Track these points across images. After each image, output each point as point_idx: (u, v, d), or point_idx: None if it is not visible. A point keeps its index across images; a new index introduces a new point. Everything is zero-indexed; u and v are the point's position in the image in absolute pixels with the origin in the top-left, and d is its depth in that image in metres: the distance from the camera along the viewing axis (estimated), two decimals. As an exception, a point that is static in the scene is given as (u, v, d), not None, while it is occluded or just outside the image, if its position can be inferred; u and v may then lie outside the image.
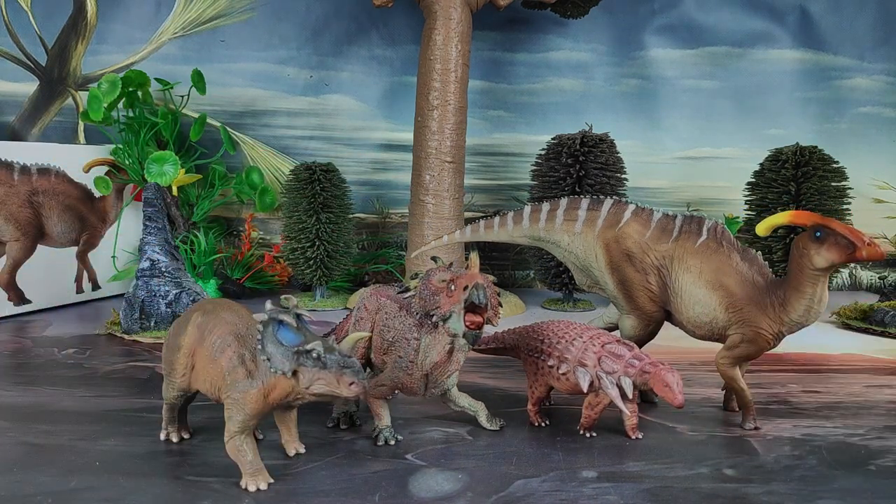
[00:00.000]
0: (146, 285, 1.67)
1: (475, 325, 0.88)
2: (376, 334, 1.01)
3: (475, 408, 1.04)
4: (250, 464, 0.84)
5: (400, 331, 0.97)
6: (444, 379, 0.95)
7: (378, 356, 1.01)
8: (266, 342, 0.81)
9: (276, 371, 0.81)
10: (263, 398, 0.83)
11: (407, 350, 0.95)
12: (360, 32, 2.61)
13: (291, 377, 0.81)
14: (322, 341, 0.81)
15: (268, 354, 0.81)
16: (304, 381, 0.81)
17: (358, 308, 1.07)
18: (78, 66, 2.54)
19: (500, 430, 1.03)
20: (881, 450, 0.98)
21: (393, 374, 0.96)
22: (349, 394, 0.80)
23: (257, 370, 0.84)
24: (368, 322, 1.03)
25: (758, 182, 2.18)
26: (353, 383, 0.80)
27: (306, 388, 0.81)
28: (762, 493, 0.84)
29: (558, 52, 2.65)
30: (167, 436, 0.98)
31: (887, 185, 2.65)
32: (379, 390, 0.97)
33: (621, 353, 0.97)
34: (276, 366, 0.81)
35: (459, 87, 2.05)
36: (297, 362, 0.81)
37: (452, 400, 1.03)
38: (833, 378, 1.38)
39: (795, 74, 2.60)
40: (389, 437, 0.97)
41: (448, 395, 1.02)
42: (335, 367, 0.80)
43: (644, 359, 0.96)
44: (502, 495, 0.83)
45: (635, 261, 1.13)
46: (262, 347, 0.81)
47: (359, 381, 0.80)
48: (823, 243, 0.97)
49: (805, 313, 1.01)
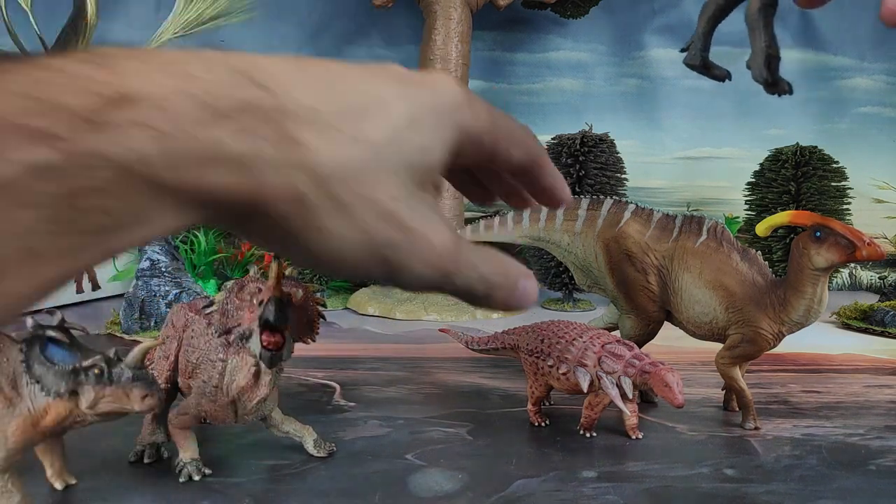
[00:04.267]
0: (146, 285, 1.67)
1: (271, 344, 0.78)
2: (181, 355, 0.91)
3: (301, 433, 0.94)
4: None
5: (205, 351, 0.86)
6: (253, 405, 0.84)
7: (184, 380, 0.91)
8: (32, 363, 0.72)
9: (51, 394, 0.72)
10: (32, 427, 0.74)
11: (212, 373, 0.84)
12: (360, 32, 2.61)
13: (69, 399, 0.73)
14: (103, 355, 0.73)
15: (36, 377, 0.72)
16: (86, 402, 0.73)
17: (165, 325, 0.97)
18: (78, 66, 2.54)
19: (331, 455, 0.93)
20: (881, 450, 0.98)
21: (197, 400, 0.86)
22: (143, 408, 0.73)
23: (19, 396, 0.74)
24: (174, 342, 0.93)
25: (758, 182, 2.18)
26: (146, 395, 0.73)
27: (90, 409, 0.73)
28: (762, 493, 0.84)
29: (558, 52, 2.65)
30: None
31: (887, 185, 2.65)
32: (181, 420, 0.87)
33: (621, 352, 0.96)
34: (49, 388, 0.72)
35: (459, 87, 2.05)
36: (74, 381, 0.72)
37: (275, 426, 0.92)
38: (833, 378, 1.38)
39: (795, 74, 2.61)
40: (194, 472, 0.86)
41: (270, 420, 0.91)
42: (123, 382, 0.72)
43: (644, 359, 0.96)
44: (502, 495, 0.83)
45: (635, 261, 1.13)
46: (27, 369, 0.72)
47: (152, 392, 0.73)
48: (823, 243, 0.97)
49: (805, 313, 1.01)
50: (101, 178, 0.19)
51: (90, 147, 0.19)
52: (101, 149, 0.19)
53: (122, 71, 0.20)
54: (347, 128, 0.24)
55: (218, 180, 0.21)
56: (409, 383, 1.29)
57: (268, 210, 0.22)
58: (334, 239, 0.24)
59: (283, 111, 0.22)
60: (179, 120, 0.20)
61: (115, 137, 0.19)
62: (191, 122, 0.20)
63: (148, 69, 0.20)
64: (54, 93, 0.19)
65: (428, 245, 0.26)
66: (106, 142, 0.19)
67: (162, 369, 0.92)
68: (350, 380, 1.26)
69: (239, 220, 0.23)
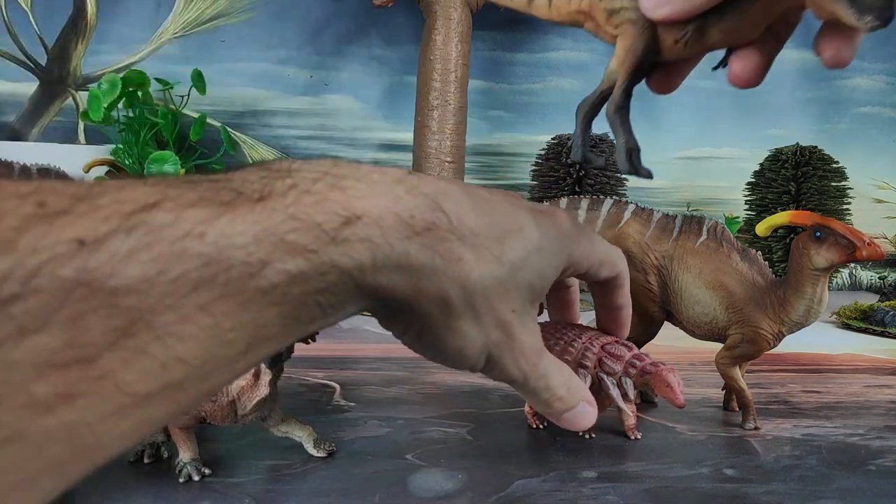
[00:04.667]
0: (146, 285, 1.67)
1: None
2: None
3: (301, 433, 0.94)
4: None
5: None
6: (253, 405, 0.85)
7: None
8: None
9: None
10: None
11: None
12: (360, 32, 2.61)
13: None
14: None
15: None
16: None
17: None
18: (78, 66, 2.54)
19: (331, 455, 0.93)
20: (881, 450, 0.98)
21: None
22: None
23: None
24: None
25: (758, 182, 2.19)
26: None
27: None
28: (762, 493, 0.84)
29: (558, 52, 2.65)
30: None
31: (887, 185, 2.65)
32: (181, 420, 0.87)
33: (621, 353, 0.95)
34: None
35: (459, 87, 2.05)
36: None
37: (275, 426, 0.93)
38: (833, 378, 1.38)
39: (795, 74, 2.61)
40: (193, 472, 0.86)
41: (270, 420, 0.92)
42: None
43: (645, 359, 0.94)
44: (502, 495, 0.83)
45: (635, 261, 1.13)
46: None
47: None
48: (823, 243, 0.97)
49: (805, 313, 1.01)
50: (329, 281, 0.24)
51: (330, 258, 0.23)
52: (336, 259, 0.24)
53: (352, 193, 0.25)
54: (496, 249, 0.29)
55: (397, 283, 0.26)
56: (409, 383, 1.29)
57: (419, 307, 0.27)
58: (462, 338, 0.29)
59: (455, 232, 0.28)
60: (387, 235, 0.25)
61: (345, 249, 0.24)
62: (394, 236, 0.25)
63: (370, 192, 0.25)
64: (310, 213, 0.23)
65: (521, 352, 0.31)
66: (339, 253, 0.24)
67: None
68: (350, 380, 1.26)
69: (392, 311, 0.28)
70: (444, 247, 0.27)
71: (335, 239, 0.23)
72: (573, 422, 0.35)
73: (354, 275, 0.24)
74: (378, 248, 0.25)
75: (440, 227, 0.27)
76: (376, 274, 0.25)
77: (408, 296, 0.26)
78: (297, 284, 0.22)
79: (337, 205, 0.24)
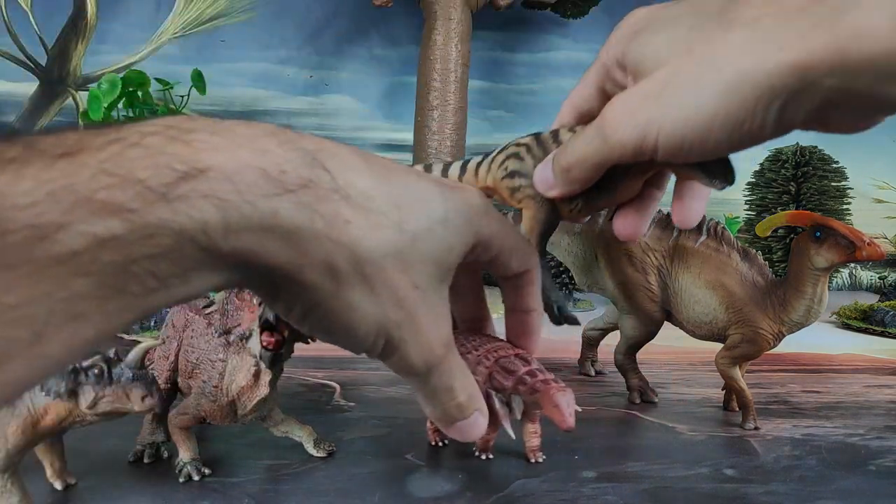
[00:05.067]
0: (146, 285, 1.67)
1: (271, 344, 0.77)
2: (181, 355, 0.90)
3: (301, 433, 0.93)
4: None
5: (205, 351, 0.86)
6: (253, 405, 0.84)
7: (184, 380, 0.90)
8: None
9: (50, 394, 0.71)
10: (31, 427, 0.73)
11: (211, 373, 0.84)
12: (359, 32, 2.61)
13: (69, 399, 0.72)
14: (102, 355, 0.73)
15: None
16: (85, 402, 0.72)
17: (165, 325, 0.95)
18: (78, 66, 2.54)
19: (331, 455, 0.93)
20: (881, 450, 0.98)
21: (197, 400, 0.85)
22: (142, 408, 0.73)
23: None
24: (175, 342, 0.92)
25: (758, 182, 2.19)
26: (146, 396, 0.72)
27: (90, 409, 0.72)
28: (762, 493, 0.84)
29: (558, 52, 2.65)
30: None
31: (887, 185, 2.65)
32: (181, 419, 0.86)
33: (515, 368, 0.85)
34: (48, 388, 0.71)
35: (459, 87, 2.05)
36: (74, 381, 0.72)
37: (275, 426, 0.92)
38: (833, 378, 1.38)
39: (795, 74, 2.60)
40: (193, 472, 0.86)
41: (270, 420, 0.91)
42: (123, 382, 0.72)
43: (538, 375, 0.85)
44: (502, 495, 0.83)
45: (635, 261, 1.13)
46: None
47: (152, 392, 0.73)
48: (823, 243, 0.97)
49: (805, 313, 1.01)
50: (160, 245, 0.20)
51: (157, 218, 0.20)
52: (166, 219, 0.20)
53: (199, 146, 0.21)
54: (393, 215, 0.26)
55: (268, 248, 0.22)
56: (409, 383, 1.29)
57: (302, 278, 0.24)
58: (352, 311, 0.25)
59: (340, 192, 0.24)
60: (244, 191, 0.21)
61: (181, 207, 0.20)
62: (255, 193, 0.22)
63: (227, 144, 0.22)
64: (131, 167, 0.20)
65: (426, 339, 0.28)
66: (171, 212, 0.20)
67: (162, 369, 0.92)
68: (350, 380, 1.26)
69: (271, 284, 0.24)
70: (326, 207, 0.23)
71: (166, 196, 0.20)
72: (465, 431, 0.31)
73: (199, 238, 0.21)
74: (231, 206, 0.21)
75: (320, 185, 0.23)
76: (233, 237, 0.21)
77: (284, 264, 0.23)
78: (110, 250, 0.19)
79: (174, 158, 0.20)
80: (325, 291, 0.24)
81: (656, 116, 0.31)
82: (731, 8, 0.29)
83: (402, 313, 0.26)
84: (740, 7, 0.29)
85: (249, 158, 0.22)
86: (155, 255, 0.20)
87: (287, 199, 0.22)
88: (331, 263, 0.24)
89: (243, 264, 0.22)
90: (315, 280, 0.24)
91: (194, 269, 0.21)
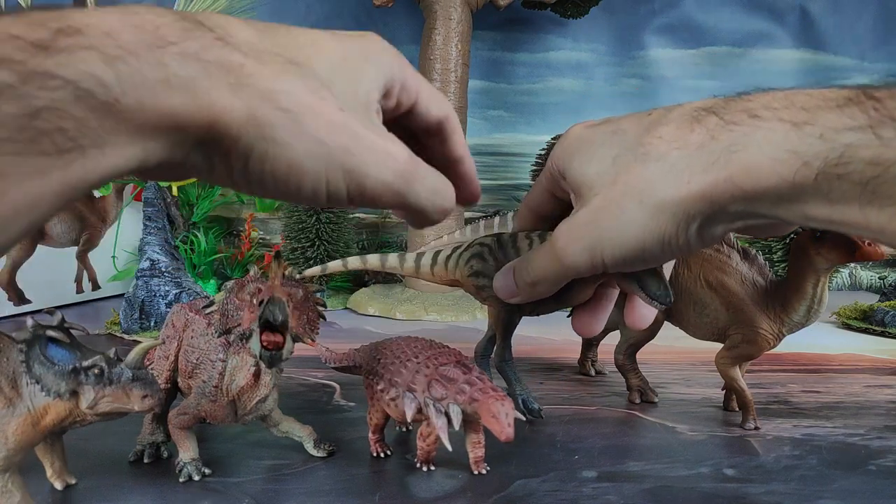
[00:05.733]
0: (146, 285, 1.67)
1: (271, 344, 0.76)
2: (181, 355, 0.90)
3: (301, 433, 0.93)
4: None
5: (205, 351, 0.86)
6: (253, 405, 0.84)
7: (184, 380, 0.90)
8: (32, 363, 0.71)
9: (51, 394, 0.71)
10: (32, 427, 0.73)
11: (212, 373, 0.84)
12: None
13: (69, 399, 0.72)
14: (103, 355, 0.73)
15: (36, 377, 0.71)
16: (86, 401, 0.72)
17: (165, 325, 0.95)
18: (78, 66, 2.54)
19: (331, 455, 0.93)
20: (881, 450, 0.98)
21: (197, 400, 0.85)
22: (143, 408, 0.73)
23: (19, 396, 0.73)
24: (174, 342, 0.92)
25: (758, 182, 2.18)
26: (146, 395, 0.72)
27: (90, 409, 0.72)
28: (762, 493, 0.84)
29: (558, 52, 2.65)
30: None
31: (887, 185, 2.64)
32: (181, 419, 0.86)
33: (455, 376, 0.84)
34: (49, 388, 0.71)
35: (459, 87, 2.05)
36: (74, 381, 0.72)
37: (275, 426, 0.92)
38: (833, 378, 1.38)
39: (795, 74, 2.61)
40: (194, 472, 0.86)
41: (270, 420, 0.91)
42: (123, 382, 0.72)
43: (476, 384, 0.84)
44: (502, 495, 0.83)
45: (635, 261, 1.13)
46: (27, 370, 0.71)
47: (152, 392, 0.73)
48: (823, 243, 0.97)
49: (805, 313, 1.01)
50: (58, 98, 0.20)
51: (44, 68, 0.20)
52: (55, 69, 0.20)
53: (70, 13, 0.21)
54: (284, 55, 0.26)
55: (171, 102, 0.22)
56: (409, 383, 1.29)
57: (226, 132, 0.23)
58: (290, 148, 0.25)
59: (224, 42, 0.24)
60: (126, 45, 0.21)
61: (67, 59, 0.20)
62: (137, 46, 0.22)
63: (95, 11, 0.22)
64: (5, 28, 0.20)
65: (388, 154, 0.28)
66: (58, 63, 0.20)
67: (162, 369, 0.92)
68: (350, 380, 1.26)
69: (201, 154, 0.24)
70: (214, 54, 0.23)
71: (48, 49, 0.20)
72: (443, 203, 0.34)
73: (97, 91, 0.21)
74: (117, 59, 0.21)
75: (202, 36, 0.23)
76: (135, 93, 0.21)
77: (200, 118, 0.23)
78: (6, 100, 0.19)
79: (47, 18, 0.20)
80: (251, 137, 0.24)
81: (598, 241, 0.37)
82: (645, 140, 0.36)
83: (343, 136, 0.26)
84: (653, 140, 0.35)
85: (121, 17, 0.22)
86: (57, 109, 0.20)
87: (170, 51, 0.22)
88: (243, 107, 0.23)
89: (158, 127, 0.22)
90: (235, 130, 0.23)
91: (104, 129, 0.21)
